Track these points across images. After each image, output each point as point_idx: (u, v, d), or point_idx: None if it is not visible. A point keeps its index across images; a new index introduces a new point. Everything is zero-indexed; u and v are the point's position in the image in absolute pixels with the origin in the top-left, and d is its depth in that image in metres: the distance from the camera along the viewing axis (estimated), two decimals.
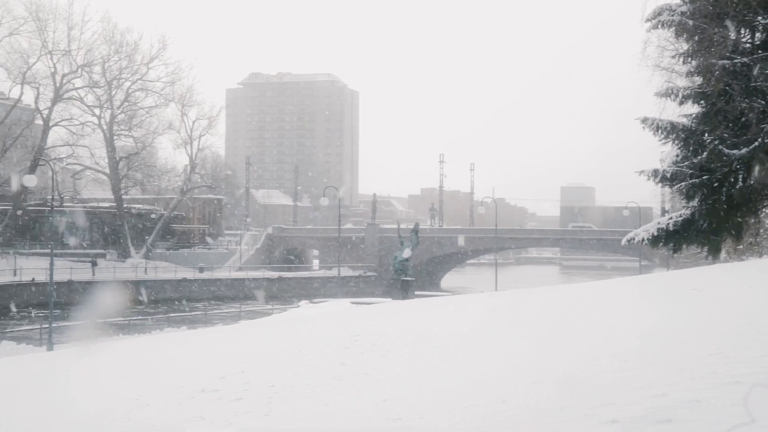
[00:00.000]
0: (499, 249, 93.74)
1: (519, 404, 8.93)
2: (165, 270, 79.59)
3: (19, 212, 76.21)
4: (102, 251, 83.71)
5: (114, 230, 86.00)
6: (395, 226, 74.43)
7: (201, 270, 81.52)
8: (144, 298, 68.08)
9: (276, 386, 12.81)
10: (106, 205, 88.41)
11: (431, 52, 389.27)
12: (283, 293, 76.60)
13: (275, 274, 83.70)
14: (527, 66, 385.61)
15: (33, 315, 59.29)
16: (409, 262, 48.43)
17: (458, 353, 14.53)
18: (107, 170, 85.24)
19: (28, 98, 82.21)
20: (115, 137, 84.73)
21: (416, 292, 46.19)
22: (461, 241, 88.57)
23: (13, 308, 60.39)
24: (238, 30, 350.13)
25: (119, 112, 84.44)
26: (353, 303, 39.99)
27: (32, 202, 78.87)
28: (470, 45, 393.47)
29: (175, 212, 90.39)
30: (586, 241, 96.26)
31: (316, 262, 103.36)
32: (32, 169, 71.07)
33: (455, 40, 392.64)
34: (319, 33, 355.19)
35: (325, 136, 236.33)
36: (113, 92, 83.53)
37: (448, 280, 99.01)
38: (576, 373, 10.15)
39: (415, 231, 52.65)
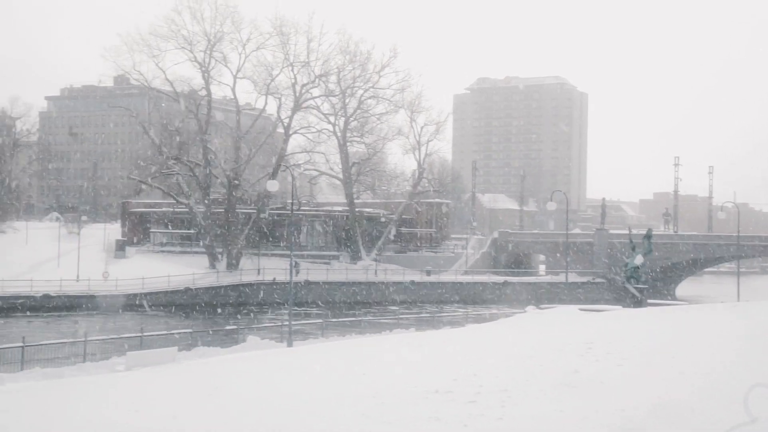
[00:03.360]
0: (742, 257, 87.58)
1: None
2: (393, 272, 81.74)
3: (262, 216, 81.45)
4: (335, 253, 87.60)
5: (346, 233, 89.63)
6: (626, 232, 71.77)
7: (428, 273, 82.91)
8: (371, 299, 70.40)
9: (508, 390, 12.76)
10: (339, 208, 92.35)
11: (664, 49, 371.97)
12: (508, 298, 76.21)
13: (501, 279, 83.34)
14: None
15: (269, 313, 63.08)
16: (641, 269, 46.53)
17: (701, 364, 13.74)
18: (341, 175, 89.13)
19: (271, 108, 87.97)
20: (348, 143, 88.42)
21: (649, 301, 44.23)
22: (697, 248, 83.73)
23: (255, 306, 64.70)
24: (465, 35, 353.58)
25: (352, 119, 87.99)
26: (582, 310, 38.95)
27: (274, 206, 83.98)
28: (711, 39, 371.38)
29: (404, 216, 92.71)
30: None
31: (542, 268, 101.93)
32: (274, 175, 75.64)
33: (694, 35, 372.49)
34: (546, 35, 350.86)
35: (553, 139, 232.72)
36: (347, 100, 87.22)
37: (684, 288, 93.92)
38: None
39: (648, 237, 50.48)
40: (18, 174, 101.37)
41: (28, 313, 59.10)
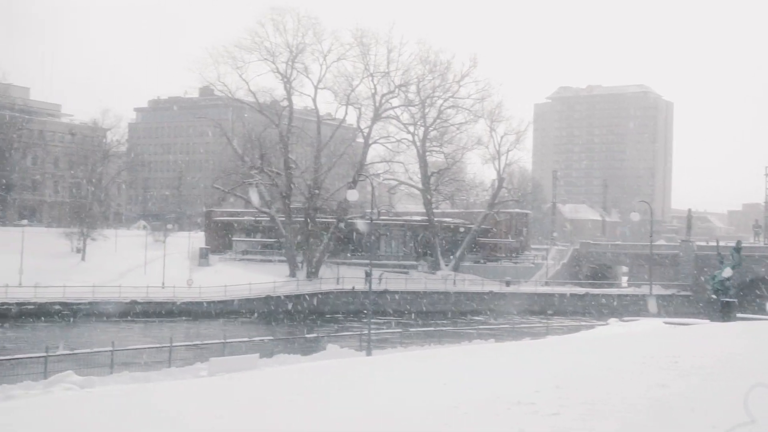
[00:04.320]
0: None
1: None
2: (472, 282, 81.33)
3: (342, 225, 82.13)
4: (414, 263, 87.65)
5: (425, 243, 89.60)
6: (713, 244, 69.74)
7: (507, 284, 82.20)
8: (457, 308, 70.25)
9: (592, 403, 12.52)
10: (418, 218, 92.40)
11: (753, 57, 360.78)
12: (590, 310, 74.95)
13: (582, 290, 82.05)
14: None
15: (348, 321, 63.46)
16: (729, 281, 45.09)
17: None
18: (420, 185, 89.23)
19: (351, 118, 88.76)
20: (427, 153, 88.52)
21: (738, 315, 42.84)
22: None
23: (334, 314, 65.22)
24: (546, 44, 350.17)
25: (431, 129, 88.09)
26: (667, 323, 38.02)
27: (353, 216, 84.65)
28: None
29: (483, 226, 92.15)
30: None
31: (624, 279, 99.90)
32: (353, 184, 76.24)
33: None
34: (630, 43, 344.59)
35: (636, 149, 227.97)
36: (426, 110, 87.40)
37: None
38: None
39: (737, 249, 48.87)
40: (108, 183, 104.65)
41: (116, 319, 60.84)
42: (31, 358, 32.06)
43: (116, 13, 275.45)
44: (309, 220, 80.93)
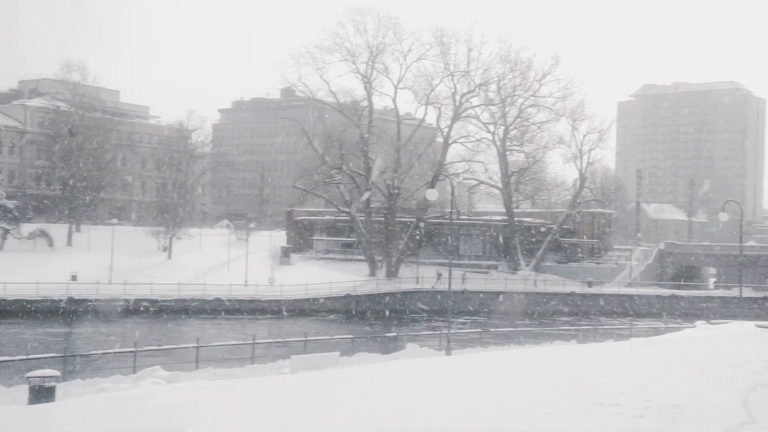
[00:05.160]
0: None
1: None
2: (553, 283, 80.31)
3: (421, 224, 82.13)
4: (494, 263, 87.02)
5: (505, 243, 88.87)
6: None
7: (589, 284, 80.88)
8: (538, 309, 69.57)
9: (679, 406, 12.21)
10: (498, 218, 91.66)
11: None
12: (676, 312, 73.09)
13: (667, 292, 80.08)
14: None
15: (428, 321, 63.41)
16: None
17: None
18: (500, 184, 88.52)
19: (431, 118, 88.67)
20: (507, 152, 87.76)
21: None
22: None
23: (414, 314, 65.33)
24: (630, 41, 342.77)
25: (512, 128, 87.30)
26: (759, 326, 36.79)
27: (432, 215, 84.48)
28: None
29: (564, 226, 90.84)
30: None
31: (711, 281, 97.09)
32: (433, 184, 76.15)
33: None
34: (718, 39, 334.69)
35: (725, 147, 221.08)
36: (507, 109, 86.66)
37: None
38: None
39: None
40: (193, 183, 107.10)
41: (200, 316, 62.25)
42: (121, 353, 33.14)
43: (201, 17, 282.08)
44: (388, 220, 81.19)
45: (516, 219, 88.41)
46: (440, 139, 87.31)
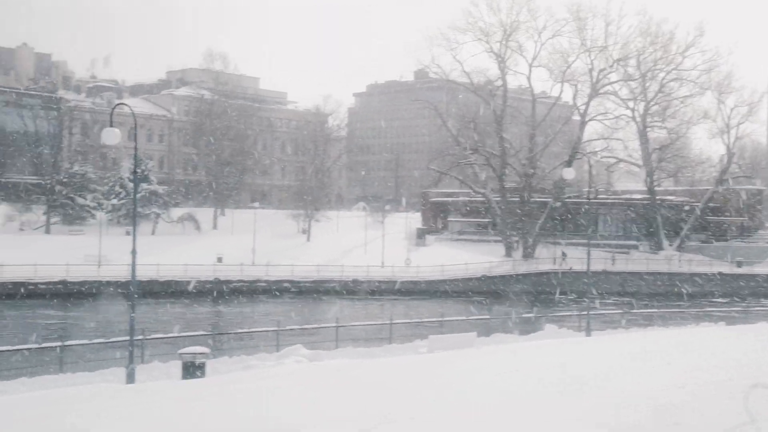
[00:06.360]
0: None
1: None
2: (699, 263, 77.27)
3: (558, 204, 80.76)
4: (634, 243, 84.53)
5: (646, 222, 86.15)
6: None
7: (739, 264, 77.36)
8: (682, 290, 67.29)
9: None
10: (638, 197, 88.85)
11: None
12: None
13: None
14: None
15: (567, 302, 62.39)
16: None
17: None
18: (640, 162, 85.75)
19: (567, 96, 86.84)
20: (648, 129, 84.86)
21: None
22: None
23: (556, 294, 64.45)
24: None
25: (653, 103, 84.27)
26: None
27: (570, 195, 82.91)
28: None
29: (710, 204, 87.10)
30: None
31: None
32: (569, 163, 74.68)
33: None
34: None
35: None
36: (647, 84, 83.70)
37: None
38: None
39: None
40: (329, 166, 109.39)
41: (339, 297, 63.68)
42: (264, 331, 34.47)
43: (334, 2, 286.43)
44: (524, 200, 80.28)
45: (658, 197, 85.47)
46: (577, 117, 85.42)
